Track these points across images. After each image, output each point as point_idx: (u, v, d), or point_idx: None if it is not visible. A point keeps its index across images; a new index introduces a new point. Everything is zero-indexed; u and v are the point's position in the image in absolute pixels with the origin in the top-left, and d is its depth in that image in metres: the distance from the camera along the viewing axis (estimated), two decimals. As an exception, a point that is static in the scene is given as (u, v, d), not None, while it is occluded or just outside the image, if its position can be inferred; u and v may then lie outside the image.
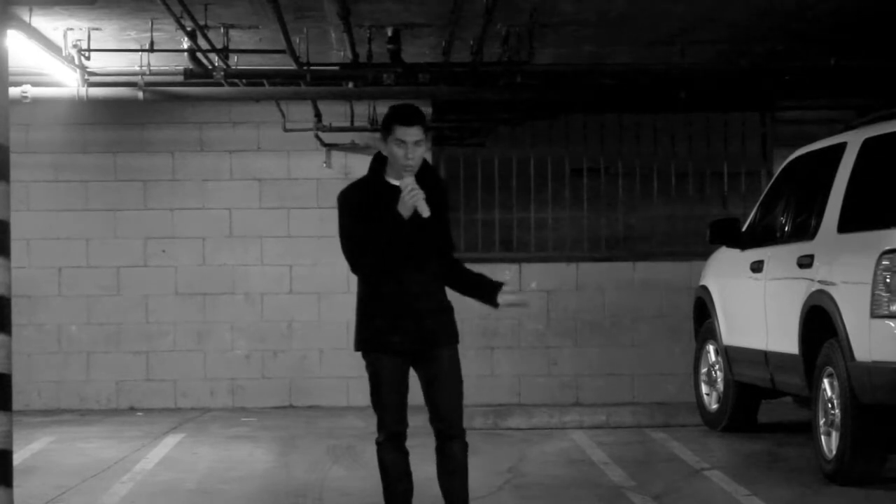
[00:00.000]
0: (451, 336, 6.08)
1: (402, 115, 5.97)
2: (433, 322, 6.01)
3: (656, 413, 11.62)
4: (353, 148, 12.95)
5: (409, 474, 6.13)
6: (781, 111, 12.99)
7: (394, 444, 6.08)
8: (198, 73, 11.18)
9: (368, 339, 6.06)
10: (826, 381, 8.25)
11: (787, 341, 8.88)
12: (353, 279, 6.16)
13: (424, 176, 6.03)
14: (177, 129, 12.95)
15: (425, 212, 5.88)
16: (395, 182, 5.98)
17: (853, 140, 8.53)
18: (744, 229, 10.24)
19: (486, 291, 6.18)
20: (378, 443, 6.10)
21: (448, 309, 6.10)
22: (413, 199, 5.88)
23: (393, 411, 6.05)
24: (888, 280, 7.58)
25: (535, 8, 9.88)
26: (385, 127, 6.00)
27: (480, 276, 6.26)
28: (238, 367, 12.90)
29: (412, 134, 5.93)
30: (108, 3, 9.70)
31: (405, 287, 5.96)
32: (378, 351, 6.05)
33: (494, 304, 6.19)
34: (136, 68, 11.42)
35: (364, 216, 5.95)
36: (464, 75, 11.42)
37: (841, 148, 8.65)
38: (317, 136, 12.85)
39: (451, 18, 9.95)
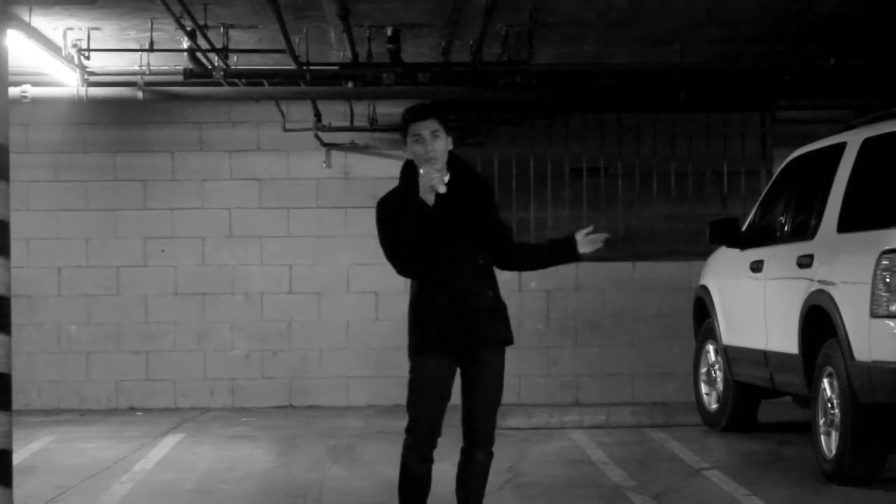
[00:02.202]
0: (501, 338, 6.00)
1: (414, 112, 6.00)
2: (482, 321, 5.91)
3: (656, 413, 11.62)
4: (352, 148, 12.96)
5: (427, 483, 6.01)
6: (781, 111, 12.98)
7: (421, 453, 5.93)
8: (197, 73, 11.18)
9: (419, 341, 5.93)
10: (826, 381, 8.25)
11: (786, 341, 8.88)
12: (353, 279, 6.18)
13: (461, 174, 6.02)
14: (176, 129, 12.95)
15: (441, 188, 5.82)
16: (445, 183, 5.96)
17: (853, 140, 8.53)
18: (743, 229, 10.24)
19: (563, 250, 6.12)
20: (405, 447, 5.95)
21: (499, 308, 6.01)
22: (426, 180, 5.81)
23: (427, 419, 5.91)
24: (888, 280, 7.58)
25: (535, 8, 9.88)
26: (402, 131, 6.00)
27: (549, 243, 6.21)
28: (238, 367, 12.91)
29: (426, 126, 5.92)
30: (108, 3, 9.70)
31: (452, 286, 5.88)
32: (426, 353, 5.91)
33: (578, 258, 6.16)
34: (136, 68, 11.43)
35: (400, 221, 5.88)
36: (464, 75, 11.41)
37: (841, 148, 8.65)
38: (316, 136, 12.85)
39: (451, 18, 9.95)
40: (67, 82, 11.27)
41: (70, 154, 12.90)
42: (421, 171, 5.88)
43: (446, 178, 5.97)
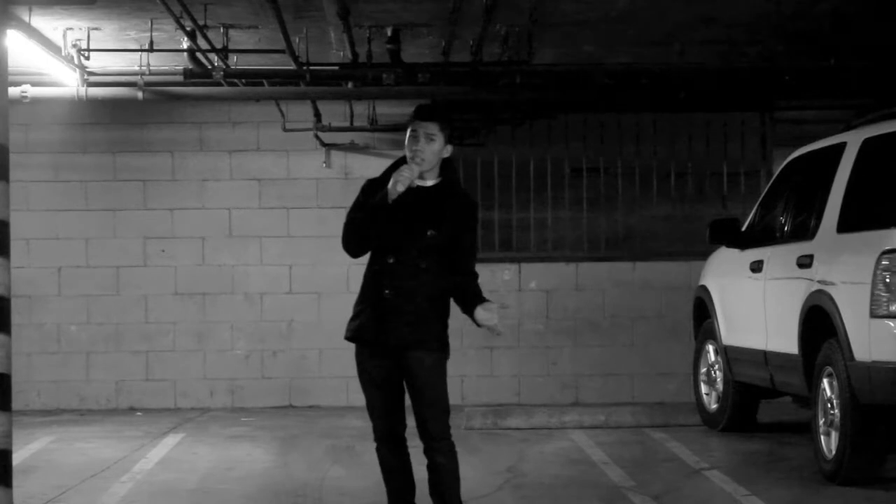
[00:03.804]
0: (428, 342, 5.99)
1: (420, 110, 6.06)
2: (411, 325, 5.95)
3: (656, 413, 11.61)
4: (352, 148, 12.95)
5: (406, 472, 6.10)
6: (781, 111, 12.98)
7: (386, 444, 6.11)
8: (197, 73, 11.18)
9: (352, 329, 6.09)
10: (825, 381, 8.25)
11: (786, 341, 8.88)
12: (353, 279, 6.20)
13: (447, 184, 6.06)
14: (176, 129, 12.95)
15: (400, 186, 5.86)
16: (416, 183, 5.98)
17: (853, 140, 8.53)
18: (743, 229, 10.24)
19: (470, 305, 6.03)
20: (374, 438, 6.17)
21: (435, 316, 6.02)
22: (396, 175, 5.89)
23: (378, 411, 6.10)
24: (888, 280, 7.58)
25: (534, 8, 9.88)
26: (408, 124, 6.08)
27: (475, 295, 6.06)
28: (237, 367, 12.91)
29: (425, 127, 5.98)
30: (108, 3, 9.70)
31: (384, 284, 5.97)
32: (360, 345, 6.08)
33: (474, 321, 6.06)
34: (136, 68, 11.42)
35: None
36: (464, 75, 11.41)
37: (840, 148, 8.65)
38: (316, 136, 12.85)
39: (450, 18, 9.95)
40: (67, 82, 11.27)
41: (70, 154, 12.90)
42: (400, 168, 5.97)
43: (430, 183, 6.01)
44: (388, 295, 5.96)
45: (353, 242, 6.06)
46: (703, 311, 10.99)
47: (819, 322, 8.30)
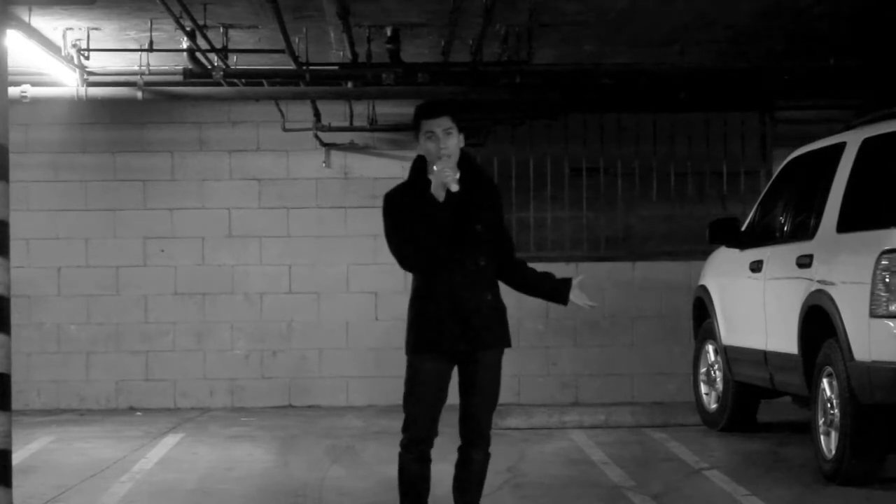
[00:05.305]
0: (498, 339, 6.00)
1: (426, 109, 5.97)
2: (480, 323, 5.90)
3: (656, 413, 11.61)
4: (352, 148, 12.96)
5: (425, 481, 6.00)
6: (781, 111, 12.98)
7: (416, 451, 5.94)
8: (197, 73, 11.18)
9: (417, 340, 5.94)
10: (825, 381, 8.25)
11: (786, 341, 8.88)
12: (352, 279, 6.16)
13: (470, 174, 5.98)
14: (176, 129, 12.95)
15: (454, 186, 5.80)
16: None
17: (852, 140, 8.53)
18: (743, 229, 10.24)
19: (553, 289, 6.09)
20: (401, 445, 5.98)
21: (498, 310, 6.00)
22: (440, 176, 5.81)
23: (423, 416, 5.92)
24: (887, 280, 7.58)
25: (534, 8, 9.88)
26: (414, 127, 5.99)
27: (546, 275, 6.13)
28: (237, 367, 12.91)
29: (439, 124, 5.89)
30: (108, 3, 9.70)
31: (452, 287, 5.87)
32: (424, 352, 5.93)
33: (564, 302, 6.11)
34: (136, 68, 11.43)
35: (408, 215, 5.86)
36: (463, 75, 11.41)
37: (840, 148, 8.65)
38: (316, 136, 12.85)
39: (450, 18, 9.95)
40: (67, 82, 11.27)
41: (70, 154, 12.90)
42: (435, 167, 5.86)
43: (457, 176, 5.96)
44: (459, 299, 5.86)
45: (417, 258, 5.89)
46: (702, 310, 10.99)
47: (819, 322, 8.30)
